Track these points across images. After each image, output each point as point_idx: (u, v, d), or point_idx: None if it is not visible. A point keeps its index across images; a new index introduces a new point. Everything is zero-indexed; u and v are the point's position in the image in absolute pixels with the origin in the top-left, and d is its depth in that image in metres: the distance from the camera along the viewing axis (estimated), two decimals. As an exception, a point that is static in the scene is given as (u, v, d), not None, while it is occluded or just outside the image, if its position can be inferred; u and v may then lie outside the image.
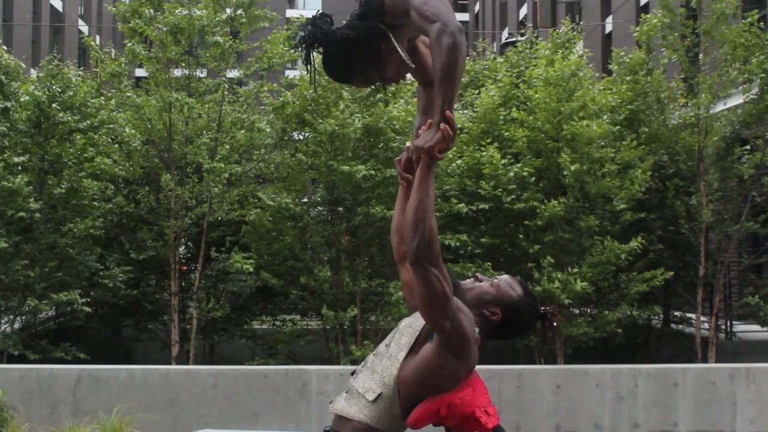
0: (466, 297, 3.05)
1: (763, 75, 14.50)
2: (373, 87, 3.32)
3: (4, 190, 14.28)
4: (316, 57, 3.18)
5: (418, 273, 2.81)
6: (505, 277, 3.19)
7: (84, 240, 15.35)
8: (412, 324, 3.08)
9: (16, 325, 15.33)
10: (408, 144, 3.25)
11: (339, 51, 3.12)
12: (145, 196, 16.26)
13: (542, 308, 3.17)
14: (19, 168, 14.84)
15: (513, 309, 3.08)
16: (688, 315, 16.60)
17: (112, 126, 16.36)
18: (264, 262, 15.95)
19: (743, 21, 14.95)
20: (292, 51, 17.15)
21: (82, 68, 19.41)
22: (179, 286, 16.11)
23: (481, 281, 3.14)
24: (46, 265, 15.02)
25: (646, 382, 10.27)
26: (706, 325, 15.38)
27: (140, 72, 17.89)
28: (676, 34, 15.41)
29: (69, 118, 15.20)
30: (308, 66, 3.20)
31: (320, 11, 3.24)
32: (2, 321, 15.08)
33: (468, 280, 3.16)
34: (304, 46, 3.15)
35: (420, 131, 3.06)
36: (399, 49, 3.13)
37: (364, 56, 3.13)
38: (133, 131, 16.37)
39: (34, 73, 22.42)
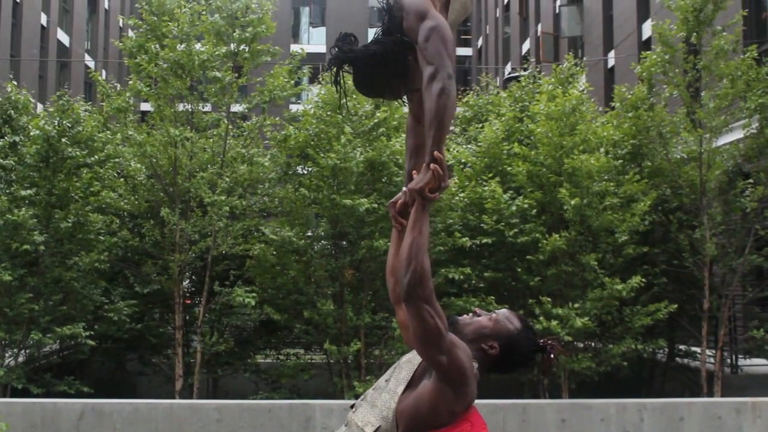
0: (464, 332, 3.09)
1: (762, 110, 14.58)
2: (402, 101, 3.40)
3: (9, 223, 14.35)
4: (346, 77, 3.27)
5: (411, 309, 2.85)
6: (504, 311, 3.23)
7: (89, 274, 15.40)
8: (412, 359, 3.11)
9: (20, 359, 15.34)
10: (404, 188, 3.32)
11: (368, 67, 3.22)
12: (149, 230, 16.33)
13: (542, 341, 3.20)
14: (26, 201, 14.92)
15: (511, 342, 3.11)
16: (693, 349, 16.55)
17: (117, 160, 16.49)
18: (268, 296, 15.97)
19: (743, 56, 15.06)
20: (294, 84, 17.32)
21: (90, 103, 19.56)
22: (183, 320, 16.12)
23: (479, 316, 3.18)
24: (51, 299, 15.06)
25: (651, 417, 10.25)
26: (712, 359, 15.33)
27: (145, 106, 18.01)
28: (676, 69, 15.52)
29: (77, 152, 15.32)
30: (338, 87, 3.29)
31: (343, 33, 3.35)
32: (6, 354, 15.08)
33: (466, 315, 3.20)
34: (333, 67, 3.24)
35: (413, 174, 3.13)
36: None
37: (392, 70, 3.23)
38: (139, 165, 16.48)
39: (40, 107, 22.62)
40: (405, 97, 3.44)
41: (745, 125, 15.00)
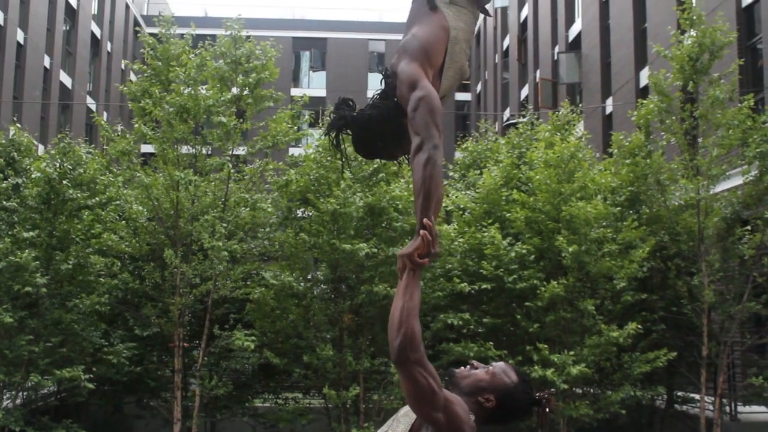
0: (461, 385, 3.13)
1: (762, 157, 14.71)
2: (398, 161, 3.51)
3: (11, 264, 14.40)
4: (346, 140, 3.38)
5: (403, 372, 2.90)
6: (501, 363, 3.28)
7: (89, 316, 15.42)
8: (409, 413, 3.15)
9: (18, 401, 15.29)
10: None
11: (365, 131, 3.34)
12: (150, 273, 16.37)
13: (537, 394, 3.25)
14: (27, 243, 14.98)
15: (507, 396, 3.16)
16: (692, 395, 16.52)
17: (119, 202, 16.59)
18: (267, 340, 15.99)
19: (740, 105, 15.21)
20: (296, 130, 17.49)
21: (92, 146, 19.71)
22: (182, 363, 16.11)
23: (476, 368, 3.23)
24: (50, 341, 15.05)
25: (649, 465, 10.23)
26: (711, 406, 15.30)
27: (147, 148, 18.17)
28: (673, 117, 15.68)
29: (78, 194, 15.42)
30: (338, 149, 3.40)
31: (342, 97, 3.45)
32: (4, 396, 15.04)
33: (463, 368, 3.24)
34: (333, 132, 3.36)
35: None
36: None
37: (388, 132, 3.34)
38: (140, 208, 16.57)
39: (41, 149, 22.78)
40: (402, 157, 3.54)
41: (744, 172, 15.12)
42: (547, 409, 3.21)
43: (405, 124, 3.29)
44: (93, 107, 40.67)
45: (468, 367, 3.24)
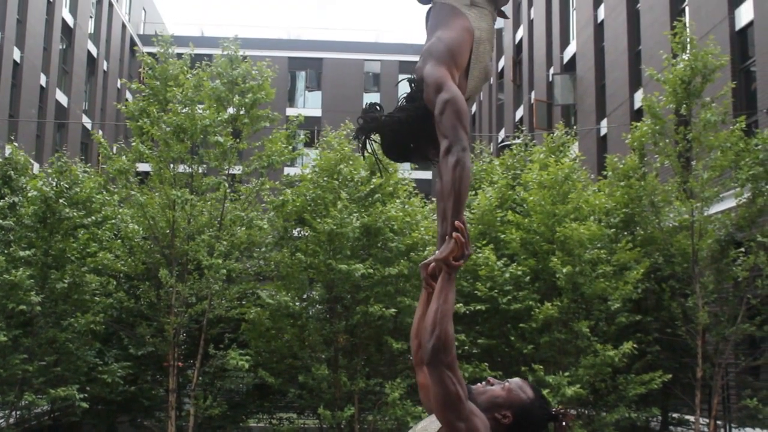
0: (478, 401, 3.14)
1: (754, 180, 14.79)
2: (432, 163, 3.53)
3: (6, 283, 14.38)
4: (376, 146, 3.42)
5: (433, 375, 2.94)
6: (517, 380, 3.29)
7: (84, 335, 15.39)
8: (428, 427, 3.17)
9: (12, 420, 15.22)
10: (437, 251, 3.43)
11: (394, 134, 3.38)
12: (145, 292, 16.36)
13: (554, 410, 3.27)
14: (23, 261, 14.97)
15: (524, 412, 3.18)
16: (687, 417, 16.53)
17: (114, 221, 16.60)
18: (262, 360, 15.97)
19: (732, 128, 15.31)
20: (291, 149, 17.55)
21: (89, 165, 19.74)
22: (177, 382, 16.07)
23: (492, 385, 3.25)
24: (44, 360, 15.01)
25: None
26: (705, 428, 15.31)
27: (142, 166, 18.20)
28: (667, 140, 15.77)
29: (75, 213, 15.43)
30: (364, 154, 3.44)
31: (369, 102, 3.48)
32: (-2, 416, 14.99)
33: (480, 384, 3.26)
34: (363, 136, 3.39)
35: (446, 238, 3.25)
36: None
37: (418, 134, 3.38)
38: (136, 227, 16.58)
39: (37, 167, 22.79)
40: (433, 160, 3.56)
41: (736, 194, 15.21)
42: (564, 424, 3.23)
43: (434, 126, 3.35)
44: (89, 126, 40.73)
45: (484, 383, 3.26)
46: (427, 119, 3.35)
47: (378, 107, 3.45)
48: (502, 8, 3.85)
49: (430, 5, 3.86)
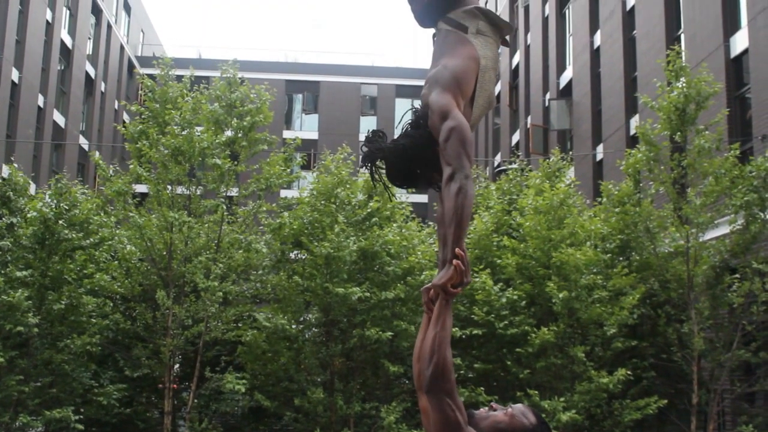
0: (480, 426, 3.17)
1: (747, 207, 14.86)
2: (437, 188, 3.58)
3: (3, 304, 14.39)
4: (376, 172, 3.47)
5: (432, 401, 2.98)
6: (519, 405, 3.33)
7: (80, 356, 15.38)
8: None
9: (5, 442, 15.18)
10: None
11: (400, 160, 3.43)
12: (141, 314, 16.37)
13: None
14: (20, 282, 14.98)
15: None
16: (682, 443, 16.51)
17: (111, 242, 16.62)
18: (258, 383, 15.96)
19: (726, 154, 15.40)
20: (289, 172, 17.62)
21: (86, 186, 19.78)
22: (172, 405, 16.04)
23: (495, 410, 3.28)
24: (40, 381, 14.99)
25: None
26: (700, 455, 15.30)
27: (139, 187, 18.25)
28: (662, 167, 15.86)
29: (73, 235, 15.46)
30: (374, 181, 3.51)
31: (373, 129, 3.56)
32: (-8, 437, 14.95)
33: (482, 409, 3.29)
34: (369, 164, 3.44)
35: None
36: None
37: (422, 161, 3.43)
38: (133, 248, 16.61)
39: (33, 187, 22.80)
40: (437, 186, 3.60)
41: (731, 221, 15.28)
42: None
43: (438, 152, 3.40)
44: (86, 147, 40.81)
45: (487, 408, 3.30)
46: (432, 146, 3.40)
47: (382, 134, 3.51)
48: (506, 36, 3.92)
49: (434, 30, 3.93)
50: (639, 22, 25.16)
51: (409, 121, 3.52)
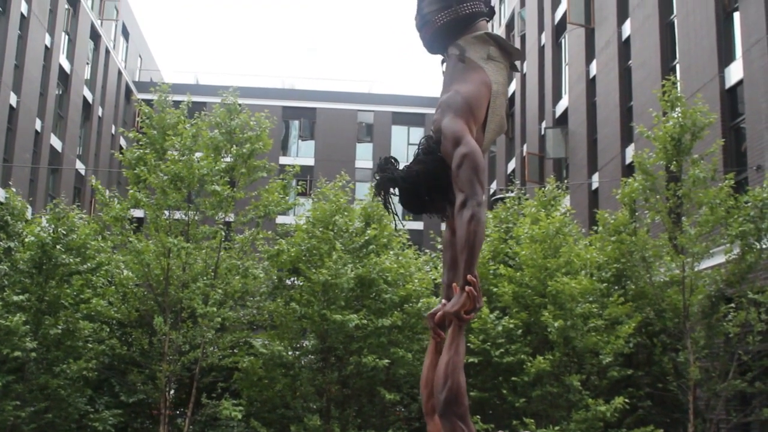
0: None
1: (743, 236, 14.92)
2: (446, 215, 3.61)
3: (1, 329, 14.37)
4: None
5: (445, 426, 3.02)
6: None
7: (76, 381, 15.34)
8: None
9: (0, 468, 15.11)
10: (444, 301, 3.51)
11: (413, 186, 3.48)
12: (137, 339, 16.34)
13: None
14: (17, 307, 14.97)
15: None
16: (678, 473, 16.46)
17: (108, 267, 16.63)
18: (254, 409, 15.92)
19: (721, 185, 15.48)
20: (287, 199, 17.67)
21: (83, 211, 19.82)
22: (167, 431, 15.98)
23: None
24: (36, 405, 14.94)
25: None
26: (696, 484, 15.25)
27: (136, 212, 18.26)
28: (657, 196, 15.93)
29: (71, 260, 15.48)
30: (387, 208, 3.55)
31: (384, 156, 3.61)
32: (-14, 463, 14.87)
33: None
34: (382, 192, 3.48)
35: (454, 288, 3.32)
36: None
37: (435, 187, 3.48)
38: (130, 273, 16.62)
39: (30, 211, 22.80)
40: (448, 215, 3.64)
41: (726, 251, 15.34)
42: None
43: (450, 178, 3.43)
44: (82, 171, 40.85)
45: None
46: (443, 171, 3.45)
47: (394, 160, 3.55)
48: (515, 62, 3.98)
49: (442, 56, 3.99)
50: (635, 52, 25.36)
51: (422, 147, 3.57)
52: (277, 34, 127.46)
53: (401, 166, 3.57)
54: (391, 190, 3.51)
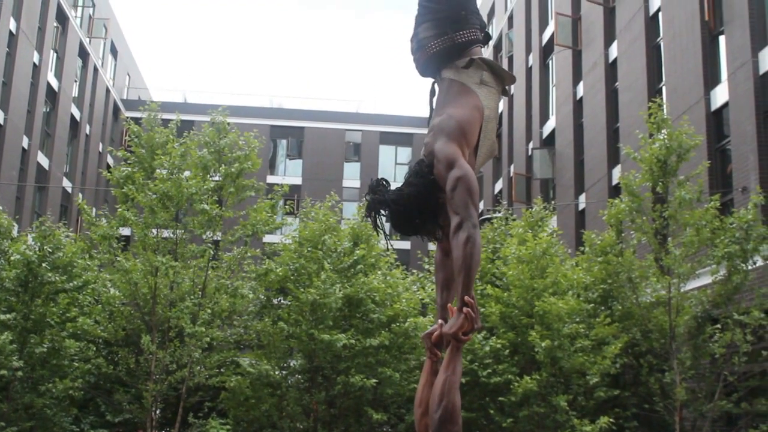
0: None
1: (729, 258, 14.99)
2: (437, 238, 3.64)
3: (-14, 347, 14.29)
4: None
5: None
6: None
7: (61, 401, 15.24)
8: None
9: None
10: (440, 321, 3.54)
11: (404, 208, 3.52)
12: (124, 358, 16.26)
13: None
14: (3, 325, 14.88)
15: None
16: (664, 494, 16.46)
17: (94, 285, 16.57)
18: (241, 429, 15.87)
19: (707, 205, 15.56)
20: (275, 219, 17.67)
21: (70, 229, 19.76)
22: (153, 451, 15.90)
23: None
24: (21, 425, 14.82)
25: None
26: (682, 505, 15.26)
27: (122, 230, 18.20)
28: (644, 217, 16.02)
29: (57, 278, 15.41)
30: (377, 230, 3.57)
31: (376, 178, 3.64)
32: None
33: None
34: (373, 213, 3.51)
35: (449, 307, 3.35)
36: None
37: (424, 210, 3.52)
38: (117, 292, 16.56)
39: (16, 228, 22.71)
40: (438, 236, 3.67)
41: (712, 272, 15.41)
42: None
43: (442, 201, 3.48)
44: (69, 189, 40.73)
45: None
46: (435, 194, 3.50)
47: (385, 182, 3.59)
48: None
49: (432, 79, 4.03)
50: (621, 74, 25.55)
51: (413, 170, 3.61)
52: (266, 54, 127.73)
53: (392, 188, 3.60)
54: (382, 212, 3.54)
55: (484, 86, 3.78)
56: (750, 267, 15.03)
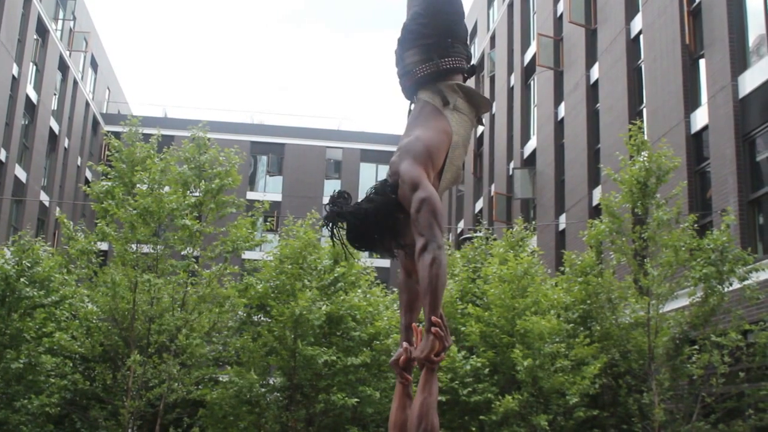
0: None
1: (706, 279, 15.07)
2: (393, 255, 3.64)
3: (-38, 363, 14.12)
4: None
5: None
6: None
7: (37, 417, 15.06)
8: None
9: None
10: (405, 344, 3.54)
11: (360, 223, 3.51)
12: (101, 374, 16.11)
13: None
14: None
15: None
16: None
17: (72, 300, 16.43)
18: (219, 447, 15.75)
19: (682, 225, 15.66)
20: (255, 235, 17.63)
21: (48, 243, 19.63)
22: (130, 469, 15.74)
23: None
24: (-6, 443, 14.66)
25: None
26: None
27: (101, 245, 18.07)
28: (624, 238, 16.10)
29: (34, 293, 15.27)
30: (333, 240, 3.57)
31: (338, 190, 3.65)
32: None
33: None
34: (329, 223, 3.50)
35: (413, 327, 3.34)
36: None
37: (382, 226, 3.52)
38: (94, 308, 16.43)
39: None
40: (396, 251, 3.68)
41: (690, 293, 15.49)
42: None
43: (400, 219, 3.48)
44: (47, 203, 40.46)
45: None
46: (393, 213, 3.50)
47: (346, 195, 3.60)
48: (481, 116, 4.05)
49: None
50: (602, 95, 25.75)
51: (374, 188, 3.60)
52: (247, 70, 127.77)
53: (352, 202, 3.61)
54: (340, 224, 3.55)
55: (457, 112, 3.80)
56: (726, 289, 15.11)
